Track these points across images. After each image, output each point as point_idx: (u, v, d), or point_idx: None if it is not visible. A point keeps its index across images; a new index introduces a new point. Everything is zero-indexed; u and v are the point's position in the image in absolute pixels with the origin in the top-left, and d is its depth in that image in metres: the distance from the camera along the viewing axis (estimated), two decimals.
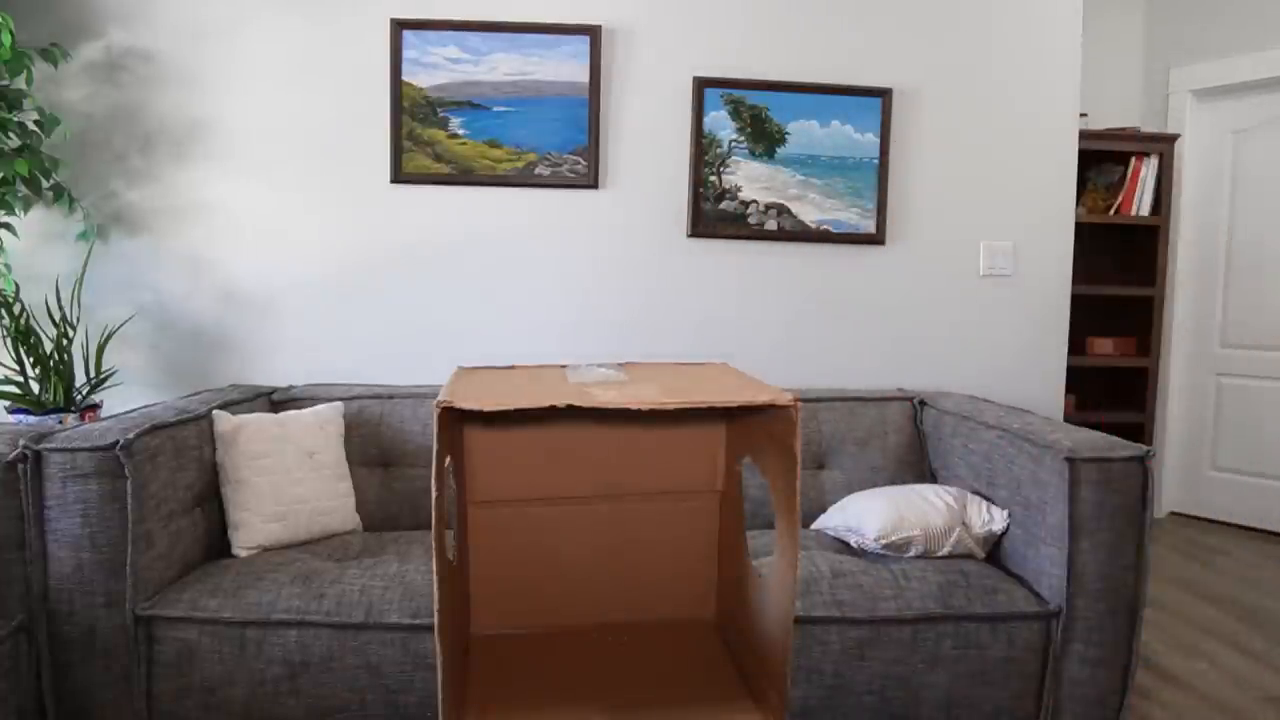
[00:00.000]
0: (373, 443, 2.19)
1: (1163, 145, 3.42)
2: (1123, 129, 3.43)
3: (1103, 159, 3.48)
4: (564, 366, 1.02)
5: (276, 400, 2.27)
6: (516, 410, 0.78)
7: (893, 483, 2.19)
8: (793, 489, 0.81)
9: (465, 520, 1.09)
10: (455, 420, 1.05)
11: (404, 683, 1.65)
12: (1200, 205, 3.59)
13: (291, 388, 2.31)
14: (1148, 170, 3.43)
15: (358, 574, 1.72)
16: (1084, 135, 2.79)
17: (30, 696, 1.60)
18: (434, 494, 0.80)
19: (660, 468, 1.10)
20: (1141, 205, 3.45)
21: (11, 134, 2.17)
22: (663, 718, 0.86)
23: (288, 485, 1.92)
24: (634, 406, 0.77)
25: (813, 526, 2.13)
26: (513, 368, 1.05)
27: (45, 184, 2.24)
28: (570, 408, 0.79)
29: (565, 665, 1.01)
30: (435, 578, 0.83)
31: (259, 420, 1.95)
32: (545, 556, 1.10)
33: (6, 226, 2.23)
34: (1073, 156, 2.66)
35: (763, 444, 0.91)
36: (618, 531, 1.10)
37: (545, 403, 0.77)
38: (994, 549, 1.94)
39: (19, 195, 2.20)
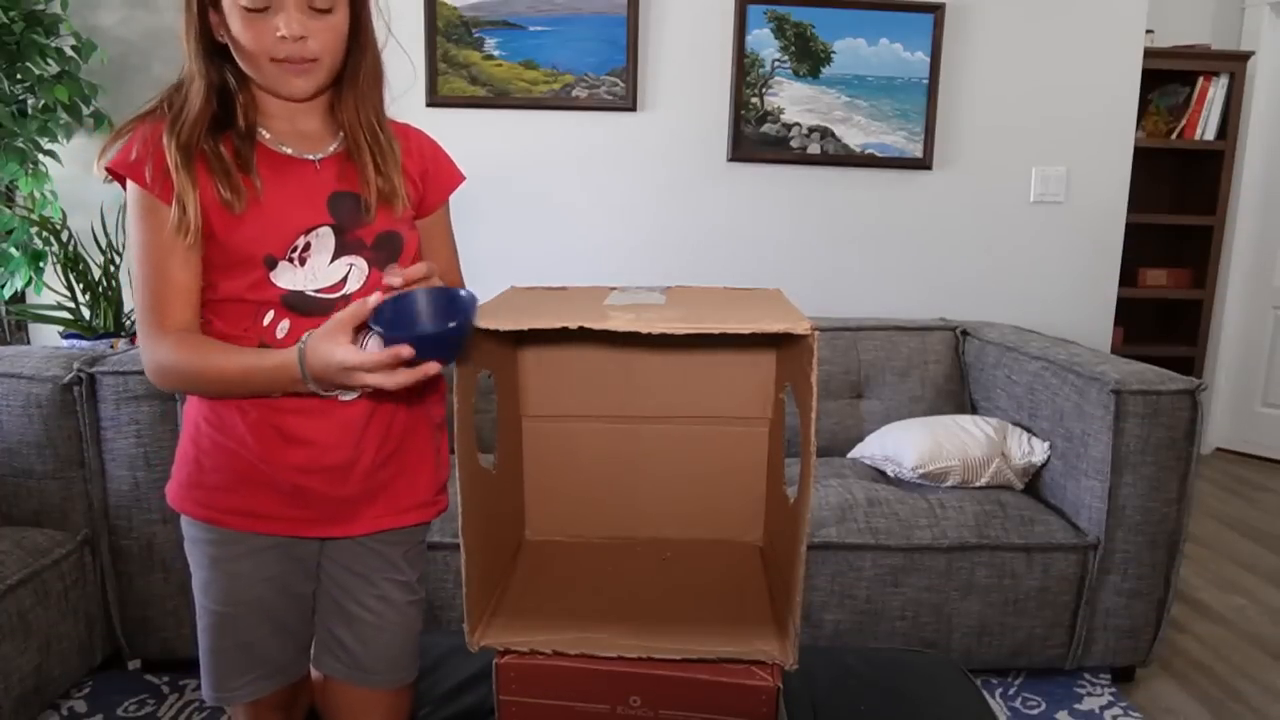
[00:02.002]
0: None
1: (1234, 64, 3.22)
2: (1191, 46, 3.23)
3: (1167, 79, 3.30)
4: (613, 289, 1.02)
5: None
6: (566, 330, 0.79)
7: (932, 413, 2.17)
8: (808, 420, 0.80)
9: (519, 433, 1.11)
10: (509, 338, 1.06)
11: (446, 599, 1.70)
12: (1272, 129, 3.40)
13: None
14: (1216, 91, 3.24)
15: None
16: (1148, 53, 2.62)
17: (97, 604, 1.69)
18: (456, 405, 0.85)
19: (714, 393, 1.10)
20: (1207, 129, 3.27)
21: (50, 60, 2.17)
22: (685, 635, 0.88)
23: None
24: (643, 330, 0.77)
25: (850, 455, 2.13)
26: (563, 288, 1.05)
27: (85, 111, 2.25)
28: (600, 331, 0.79)
29: (608, 576, 1.04)
30: (461, 477, 0.85)
31: None
32: (599, 470, 1.12)
33: (51, 154, 2.26)
34: (1135, 76, 2.52)
35: (796, 373, 0.91)
36: (671, 452, 1.11)
37: (559, 323, 0.78)
38: (1033, 480, 1.92)
39: (60, 122, 2.22)
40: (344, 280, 0.95)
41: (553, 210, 2.49)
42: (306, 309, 0.94)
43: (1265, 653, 2.00)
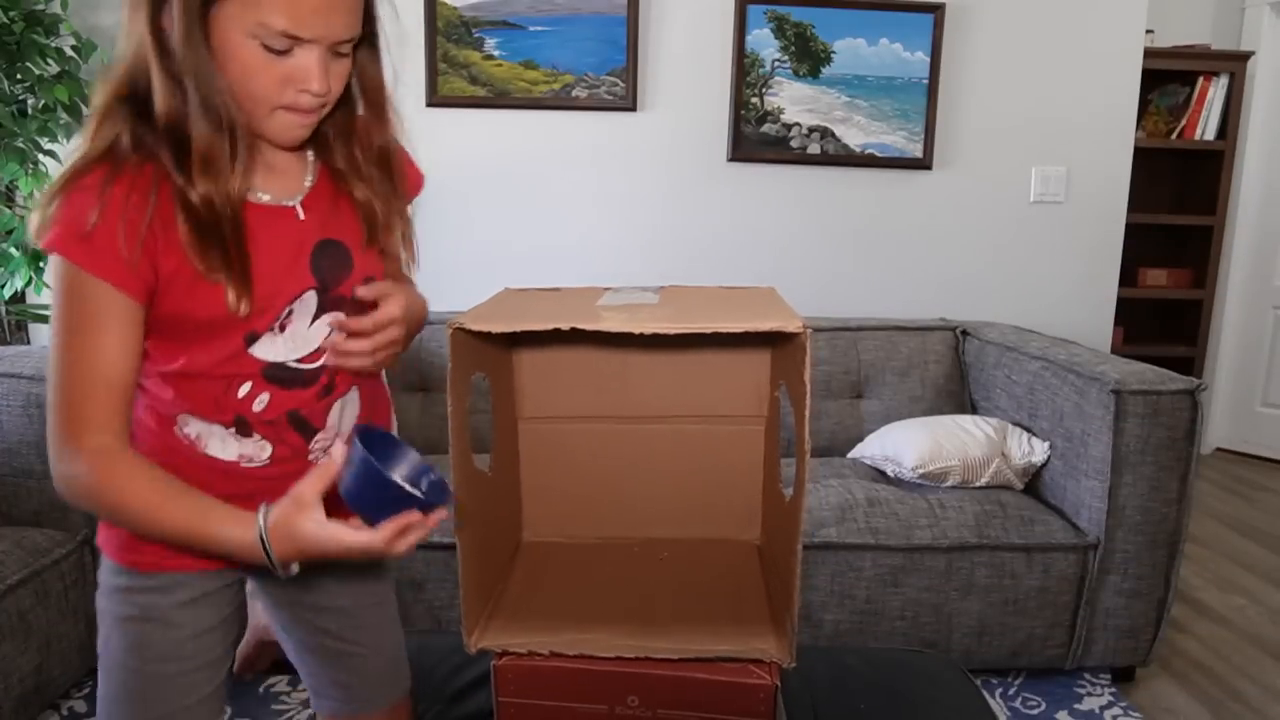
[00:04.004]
0: (412, 368, 2.22)
1: (1234, 64, 3.22)
2: (1191, 46, 3.23)
3: (1167, 79, 3.30)
4: (607, 289, 1.02)
5: None
6: (560, 331, 0.79)
7: (932, 413, 2.17)
8: (802, 418, 0.80)
9: (514, 435, 1.11)
10: (503, 340, 1.05)
11: (446, 599, 1.71)
12: (1272, 129, 3.40)
13: None
14: (1216, 91, 3.24)
15: None
16: (1148, 53, 2.62)
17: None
18: (451, 408, 0.83)
19: (709, 392, 1.10)
20: (1207, 129, 3.27)
21: (50, 60, 2.17)
22: (683, 634, 0.88)
23: None
24: (635, 331, 0.77)
25: (850, 455, 2.13)
26: (556, 289, 1.05)
27: (85, 111, 2.25)
28: (593, 332, 0.79)
29: (605, 577, 1.04)
30: (455, 469, 0.84)
31: None
32: (596, 471, 1.12)
33: (51, 154, 2.26)
34: (1136, 76, 2.52)
35: (791, 372, 0.91)
36: (666, 451, 1.11)
37: (551, 325, 0.78)
38: (1033, 480, 1.92)
39: (60, 122, 2.22)
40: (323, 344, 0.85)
41: (552, 210, 2.49)
42: (288, 381, 0.84)
43: (1265, 653, 2.00)
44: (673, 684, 0.85)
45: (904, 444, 1.95)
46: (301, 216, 0.83)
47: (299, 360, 0.84)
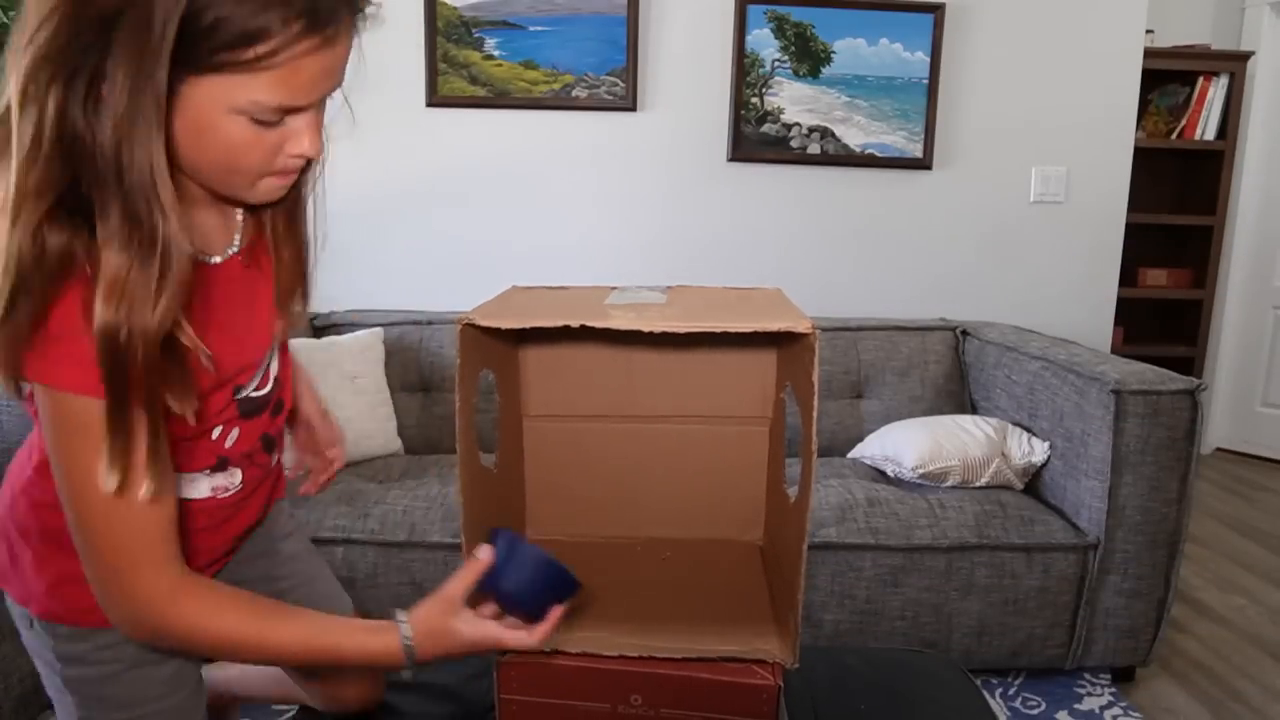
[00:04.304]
0: (412, 368, 2.22)
1: (1234, 64, 3.22)
2: (1191, 46, 3.23)
3: (1167, 79, 3.30)
4: (614, 288, 1.02)
5: (318, 325, 2.30)
6: (567, 329, 0.79)
7: (932, 413, 2.17)
8: (809, 419, 0.80)
9: (519, 432, 1.11)
10: (510, 337, 1.06)
11: None
12: (1272, 129, 3.40)
13: (333, 313, 2.34)
14: (1216, 91, 3.24)
15: (400, 495, 1.76)
16: (1148, 54, 2.62)
17: None
18: (458, 405, 0.85)
19: (715, 392, 1.11)
20: (1207, 129, 3.27)
21: None
22: (686, 634, 0.88)
23: (330, 408, 1.96)
24: (644, 329, 0.77)
25: (850, 455, 2.13)
26: (564, 288, 1.05)
27: None
28: (600, 330, 0.79)
29: (609, 575, 1.03)
30: (460, 472, 0.85)
31: (301, 344, 1.98)
32: (600, 470, 1.12)
33: None
34: (1136, 77, 2.52)
35: (798, 372, 0.91)
36: (671, 451, 1.12)
37: (560, 322, 0.79)
38: (1033, 480, 1.92)
39: None
40: (269, 365, 0.86)
41: (553, 211, 2.49)
42: (253, 412, 0.84)
43: (1265, 653, 2.00)
44: (676, 683, 0.85)
45: (904, 444, 1.95)
46: (245, 262, 0.80)
47: (256, 388, 0.84)
